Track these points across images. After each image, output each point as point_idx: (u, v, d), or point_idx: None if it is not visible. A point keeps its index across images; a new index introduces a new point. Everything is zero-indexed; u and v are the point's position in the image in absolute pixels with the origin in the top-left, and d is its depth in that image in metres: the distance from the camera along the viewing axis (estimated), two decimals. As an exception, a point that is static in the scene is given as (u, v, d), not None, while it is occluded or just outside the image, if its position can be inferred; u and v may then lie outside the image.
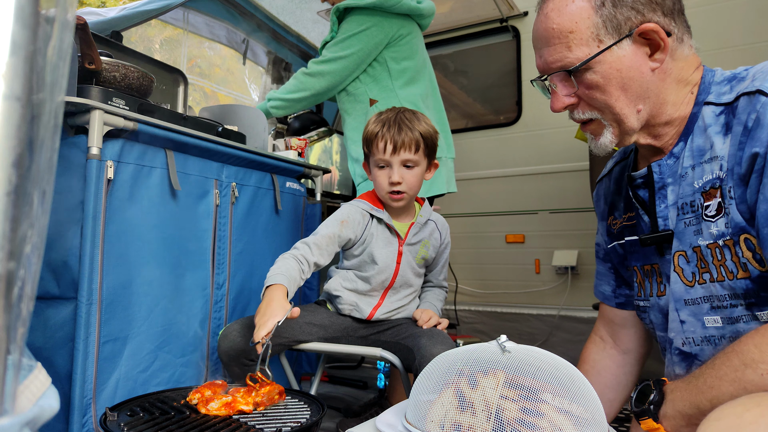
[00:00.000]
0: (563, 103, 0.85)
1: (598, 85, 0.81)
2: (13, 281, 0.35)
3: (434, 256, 1.57)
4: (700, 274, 0.80)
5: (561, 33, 0.81)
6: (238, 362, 1.30)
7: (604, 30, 0.79)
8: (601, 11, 0.78)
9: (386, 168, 1.41)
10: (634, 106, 0.82)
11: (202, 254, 1.55)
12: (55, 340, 1.18)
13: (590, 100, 0.83)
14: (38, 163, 0.38)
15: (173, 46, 1.83)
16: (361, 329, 1.50)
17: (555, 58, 0.83)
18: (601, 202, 1.07)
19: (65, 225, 1.20)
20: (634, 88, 0.80)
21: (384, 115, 1.44)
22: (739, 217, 0.74)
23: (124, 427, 0.92)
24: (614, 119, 0.83)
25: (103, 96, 1.26)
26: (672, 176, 0.84)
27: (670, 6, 0.79)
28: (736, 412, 0.56)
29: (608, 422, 0.71)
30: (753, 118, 0.70)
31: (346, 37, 1.77)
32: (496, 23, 2.90)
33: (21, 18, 0.35)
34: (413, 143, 1.38)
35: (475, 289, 2.96)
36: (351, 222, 1.44)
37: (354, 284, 1.48)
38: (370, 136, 1.42)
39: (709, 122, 0.78)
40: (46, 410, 0.41)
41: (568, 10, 0.80)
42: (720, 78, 0.82)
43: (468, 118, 3.17)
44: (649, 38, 0.79)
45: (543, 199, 2.75)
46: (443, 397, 0.66)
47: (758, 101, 0.70)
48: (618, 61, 0.79)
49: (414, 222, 1.50)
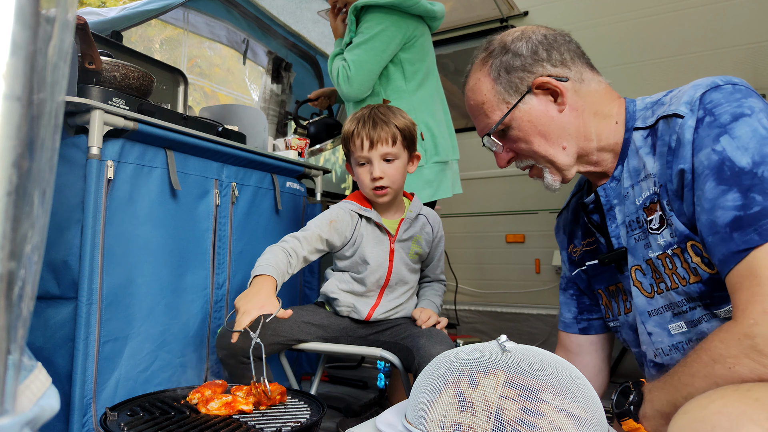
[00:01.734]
0: (504, 159, 0.98)
1: (519, 138, 0.93)
2: (13, 281, 0.35)
3: (428, 251, 1.56)
4: (657, 285, 0.85)
5: (477, 106, 0.96)
6: (236, 360, 1.30)
7: (507, 94, 0.92)
8: (500, 80, 0.92)
9: (367, 165, 1.41)
10: (558, 145, 0.92)
11: (202, 254, 1.55)
12: (56, 340, 1.18)
13: (520, 151, 0.96)
14: (38, 163, 0.38)
15: (173, 46, 1.83)
16: (360, 329, 1.49)
17: (481, 126, 0.97)
18: (561, 233, 1.15)
19: (65, 225, 1.20)
20: (552, 131, 0.91)
21: (359, 113, 1.44)
22: (681, 227, 0.80)
23: (124, 427, 0.92)
24: (546, 161, 0.94)
25: (103, 96, 1.26)
26: (617, 197, 0.92)
27: (558, 57, 0.91)
28: (702, 404, 0.58)
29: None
30: (674, 138, 0.78)
31: (367, 39, 1.73)
32: (496, 23, 2.90)
33: (21, 18, 0.35)
34: (389, 137, 1.39)
35: (475, 289, 2.96)
36: (340, 222, 1.43)
37: (350, 285, 1.48)
38: (347, 135, 1.42)
39: (639, 145, 0.87)
40: (47, 410, 0.41)
41: (477, 87, 0.96)
42: (642, 105, 0.90)
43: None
44: (548, 88, 0.90)
45: (543, 199, 2.75)
46: (443, 396, 0.66)
47: (675, 123, 0.79)
48: (527, 114, 0.91)
49: (404, 218, 1.50)
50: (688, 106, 0.78)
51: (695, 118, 0.76)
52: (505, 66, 0.92)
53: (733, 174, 0.71)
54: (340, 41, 1.90)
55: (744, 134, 0.72)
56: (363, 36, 1.75)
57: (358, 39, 1.75)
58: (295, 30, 2.88)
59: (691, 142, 0.76)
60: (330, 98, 2.27)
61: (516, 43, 0.92)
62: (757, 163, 0.70)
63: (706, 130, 0.75)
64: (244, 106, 2.08)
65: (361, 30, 1.77)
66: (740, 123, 0.73)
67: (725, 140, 0.73)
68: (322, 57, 3.09)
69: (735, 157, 0.72)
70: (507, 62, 0.92)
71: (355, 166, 1.44)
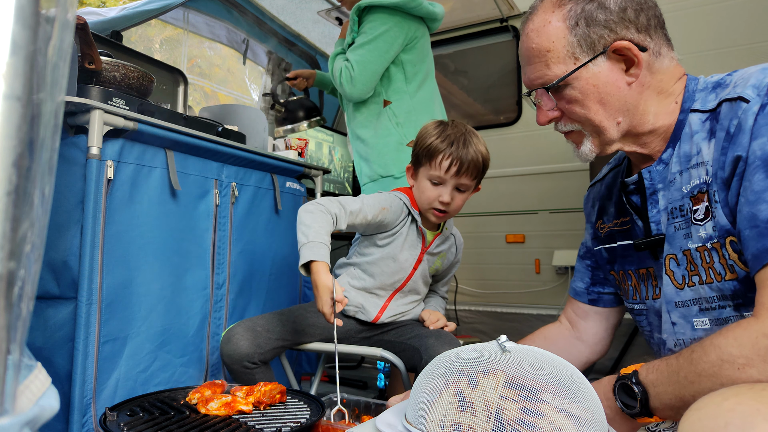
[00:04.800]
0: (547, 117, 0.90)
1: (576, 99, 0.85)
2: (13, 281, 0.35)
3: (444, 270, 1.57)
4: (690, 277, 0.82)
5: (540, 52, 0.86)
6: (241, 365, 1.30)
7: (579, 48, 0.83)
8: (575, 31, 0.83)
9: (440, 185, 1.35)
10: (614, 118, 0.85)
11: (202, 254, 1.55)
12: (55, 340, 1.18)
13: (571, 114, 0.88)
14: (38, 163, 0.38)
15: (173, 45, 1.83)
16: (364, 331, 1.49)
17: (536, 75, 0.88)
18: (589, 206, 1.11)
19: (65, 225, 1.20)
20: (612, 102, 0.84)
21: (448, 130, 1.35)
22: (724, 220, 0.76)
23: (124, 427, 0.92)
24: (594, 131, 0.87)
25: (103, 96, 1.26)
26: (662, 182, 0.87)
27: (644, 23, 0.82)
28: (716, 401, 0.58)
29: None
30: (735, 123, 0.73)
31: (370, 39, 1.72)
32: (496, 23, 2.90)
33: (21, 18, 0.35)
34: (476, 168, 1.33)
35: (475, 289, 2.96)
36: (390, 212, 1.38)
37: (362, 282, 1.46)
38: (433, 151, 1.33)
39: (695, 129, 0.81)
40: (46, 410, 0.41)
41: (545, 31, 0.85)
42: (703, 85, 0.84)
43: (468, 118, 3.17)
44: (623, 54, 0.82)
45: (543, 199, 2.75)
46: (443, 397, 0.66)
47: (739, 107, 0.73)
48: (594, 77, 0.83)
49: (440, 233, 1.48)
50: (756, 90, 0.72)
51: (760, 104, 0.71)
52: (587, 16, 0.82)
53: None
54: (342, 41, 1.89)
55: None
56: (366, 36, 1.74)
57: (362, 39, 1.75)
58: (295, 30, 2.88)
59: (750, 130, 0.71)
60: (308, 80, 2.21)
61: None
62: None
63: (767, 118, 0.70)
64: (244, 106, 2.08)
65: (364, 30, 1.76)
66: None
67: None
68: (322, 57, 3.09)
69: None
70: (590, 12, 0.82)
71: (425, 180, 1.37)
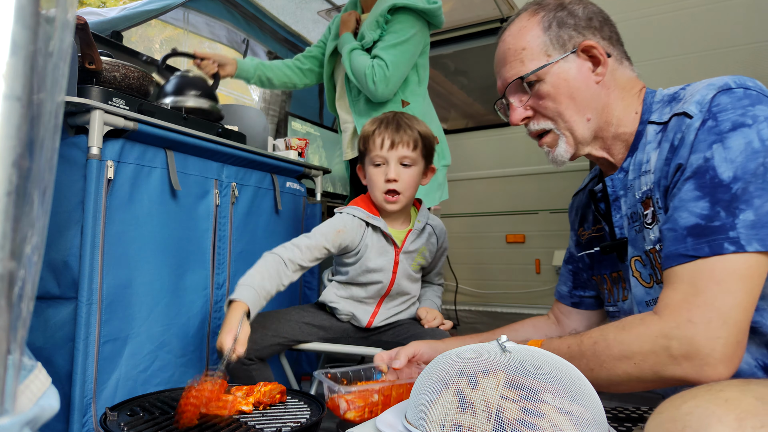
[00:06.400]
0: (520, 115, 0.96)
1: (548, 94, 0.91)
2: (13, 281, 0.35)
3: (431, 261, 1.55)
4: (656, 274, 0.87)
5: (516, 51, 0.94)
6: (239, 362, 1.30)
7: (551, 47, 0.91)
8: (549, 32, 0.91)
9: (382, 165, 1.39)
10: (583, 114, 0.91)
11: (203, 254, 1.55)
12: (55, 340, 1.18)
13: (543, 110, 0.93)
14: (38, 163, 0.38)
15: (173, 45, 1.83)
16: (361, 331, 1.49)
17: (512, 73, 0.94)
18: (573, 213, 1.17)
19: (65, 225, 1.19)
20: (581, 97, 0.91)
21: (381, 115, 1.44)
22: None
23: (124, 427, 0.92)
24: (566, 128, 0.93)
25: (103, 96, 1.26)
26: (623, 189, 0.93)
27: (608, 33, 0.92)
28: (675, 404, 0.59)
29: None
30: (678, 137, 0.79)
31: (403, 41, 1.73)
32: (496, 23, 2.90)
33: (21, 18, 0.35)
34: (411, 140, 1.38)
35: (475, 289, 2.96)
36: (347, 232, 1.40)
37: (349, 291, 1.46)
38: (367, 134, 1.41)
39: (649, 139, 0.87)
40: (46, 410, 0.41)
41: (521, 34, 0.94)
42: (660, 98, 0.90)
43: (468, 118, 3.17)
44: (591, 54, 0.90)
45: (543, 199, 2.75)
46: (444, 397, 0.66)
47: (683, 122, 0.79)
48: (565, 73, 0.90)
49: (411, 229, 1.47)
50: (698, 107, 0.78)
51: (701, 120, 0.77)
52: (558, 20, 0.92)
53: (712, 185, 0.73)
54: (349, 36, 1.84)
55: (736, 146, 0.73)
56: (399, 37, 1.73)
57: (393, 39, 1.73)
58: (295, 30, 2.88)
59: (691, 144, 0.77)
60: (224, 67, 1.87)
61: (573, 5, 0.93)
62: (737, 178, 0.72)
63: (705, 134, 0.76)
64: (244, 106, 2.08)
65: (393, 30, 1.75)
66: (737, 133, 0.74)
67: (717, 149, 0.74)
68: (322, 57, 3.09)
69: (719, 168, 0.73)
70: (561, 18, 0.92)
71: (369, 166, 1.42)
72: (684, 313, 0.70)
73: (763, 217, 0.70)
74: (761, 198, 0.70)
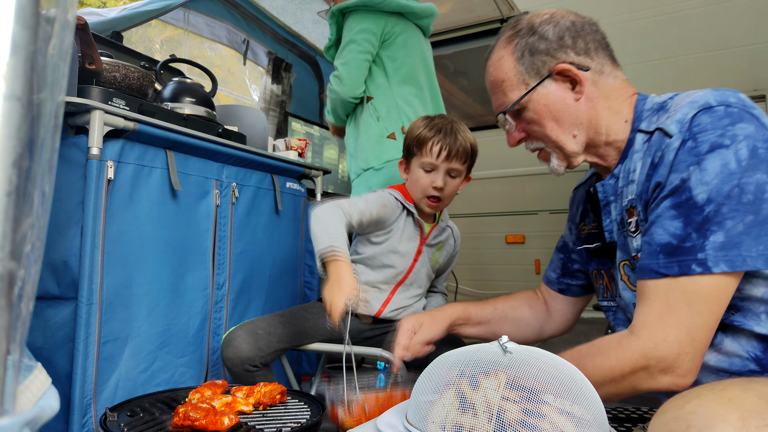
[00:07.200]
0: (515, 138, 1.01)
1: (533, 120, 0.95)
2: (13, 281, 0.35)
3: (445, 263, 1.60)
4: None
5: (497, 83, 0.98)
6: (242, 368, 1.30)
7: (527, 75, 0.94)
8: (522, 61, 0.94)
9: (432, 172, 1.43)
10: (569, 132, 0.94)
11: (203, 254, 1.55)
12: (55, 340, 1.18)
13: (532, 133, 0.98)
14: (38, 163, 0.38)
15: (174, 46, 1.83)
16: (366, 331, 1.49)
17: (497, 103, 1.00)
18: (573, 207, 1.18)
19: (65, 225, 1.19)
20: (565, 117, 0.93)
21: (435, 120, 1.44)
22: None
23: (124, 427, 0.92)
24: (555, 146, 0.96)
25: (103, 96, 1.26)
26: (614, 194, 0.94)
27: (582, 46, 0.93)
28: (679, 404, 0.60)
29: None
30: (659, 155, 0.81)
31: (348, 40, 1.80)
32: (496, 23, 2.90)
33: (21, 18, 0.35)
34: (464, 154, 1.42)
35: (475, 289, 2.96)
36: (389, 208, 1.45)
37: (365, 276, 1.49)
38: (423, 139, 1.42)
39: (637, 148, 0.88)
40: (46, 410, 0.41)
41: (499, 65, 0.97)
42: (650, 105, 0.91)
43: (468, 118, 3.17)
44: (567, 75, 0.92)
45: (543, 199, 2.75)
46: (444, 397, 0.66)
47: (664, 141, 0.80)
48: (544, 98, 0.93)
49: (436, 224, 1.53)
50: (678, 126, 0.79)
51: (680, 140, 0.78)
52: (530, 48, 0.93)
53: (687, 206, 0.75)
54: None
55: (712, 168, 0.74)
56: (345, 38, 1.82)
57: (342, 42, 1.82)
58: (295, 30, 2.88)
59: (670, 164, 0.78)
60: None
61: (543, 27, 0.93)
62: (710, 200, 0.73)
63: (685, 155, 0.77)
64: (245, 107, 2.08)
65: (343, 34, 1.84)
66: (714, 155, 0.75)
67: (694, 171, 0.75)
68: (322, 57, 3.09)
69: (695, 189, 0.75)
70: (532, 44, 0.93)
71: (417, 169, 1.44)
72: (659, 333, 0.75)
73: (735, 238, 0.72)
74: (734, 219, 0.72)
